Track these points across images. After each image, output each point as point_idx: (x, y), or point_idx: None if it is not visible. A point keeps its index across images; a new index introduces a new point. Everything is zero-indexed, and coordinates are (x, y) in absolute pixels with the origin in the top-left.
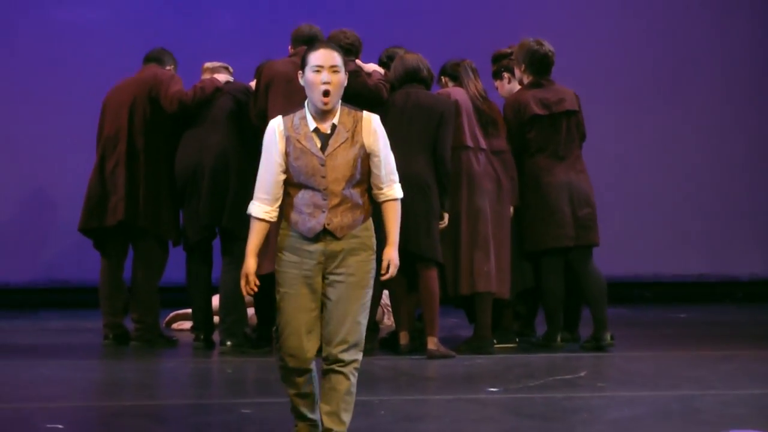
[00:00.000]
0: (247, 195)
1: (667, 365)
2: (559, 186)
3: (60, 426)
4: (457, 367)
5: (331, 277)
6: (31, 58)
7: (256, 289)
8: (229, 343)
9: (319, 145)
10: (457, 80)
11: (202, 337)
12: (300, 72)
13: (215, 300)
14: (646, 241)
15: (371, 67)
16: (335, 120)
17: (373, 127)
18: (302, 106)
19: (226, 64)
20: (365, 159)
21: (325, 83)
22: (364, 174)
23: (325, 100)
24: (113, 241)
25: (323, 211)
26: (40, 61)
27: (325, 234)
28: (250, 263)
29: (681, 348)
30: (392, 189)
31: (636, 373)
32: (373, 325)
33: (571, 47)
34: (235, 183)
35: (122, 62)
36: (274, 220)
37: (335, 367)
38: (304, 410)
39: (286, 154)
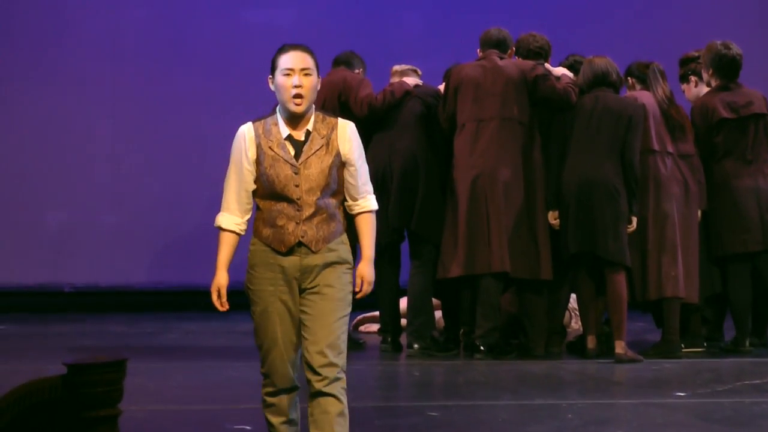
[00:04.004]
0: (437, 198)
1: None
2: (747, 190)
3: (248, 428)
4: (644, 371)
5: (308, 292)
6: (216, 58)
7: (227, 305)
8: (416, 345)
9: (292, 152)
10: (644, 82)
11: (389, 339)
12: (269, 77)
13: (403, 302)
14: None
15: (560, 71)
16: (309, 126)
17: (348, 134)
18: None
19: (414, 67)
20: (341, 168)
21: (296, 86)
22: (339, 184)
23: (297, 101)
24: None
25: (297, 223)
26: (223, 61)
27: (299, 247)
28: (222, 277)
29: None
30: (367, 200)
31: None
32: (561, 328)
33: (761, 49)
34: (425, 186)
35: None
36: (243, 232)
37: (322, 388)
38: None
39: (257, 162)
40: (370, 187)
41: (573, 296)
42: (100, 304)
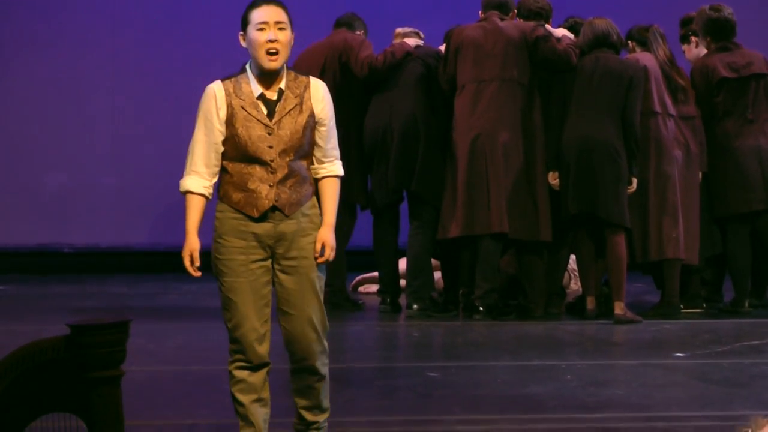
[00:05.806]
0: (437, 159)
1: None
2: (749, 150)
3: None
4: (644, 332)
5: (284, 262)
6: (216, 21)
7: (199, 272)
8: (415, 306)
9: (265, 112)
10: (645, 45)
11: (388, 300)
12: (241, 34)
13: (402, 263)
14: None
15: (560, 32)
16: (282, 85)
17: (322, 94)
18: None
19: (416, 29)
20: (313, 129)
21: (271, 41)
22: (311, 145)
23: (272, 58)
24: None
25: (270, 186)
26: (224, 24)
27: (273, 212)
28: (193, 240)
29: None
30: (334, 165)
31: None
32: (560, 290)
33: (762, 12)
34: (425, 147)
35: (314, 28)
36: (211, 196)
37: (305, 364)
38: (258, 420)
39: (228, 122)
40: (338, 152)
41: (572, 257)
42: (100, 265)
